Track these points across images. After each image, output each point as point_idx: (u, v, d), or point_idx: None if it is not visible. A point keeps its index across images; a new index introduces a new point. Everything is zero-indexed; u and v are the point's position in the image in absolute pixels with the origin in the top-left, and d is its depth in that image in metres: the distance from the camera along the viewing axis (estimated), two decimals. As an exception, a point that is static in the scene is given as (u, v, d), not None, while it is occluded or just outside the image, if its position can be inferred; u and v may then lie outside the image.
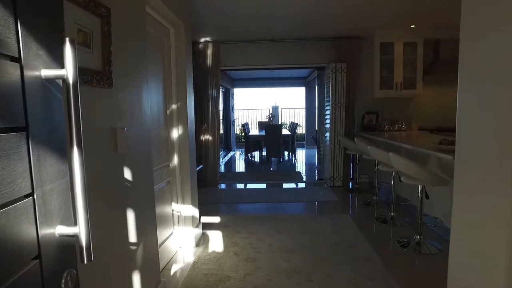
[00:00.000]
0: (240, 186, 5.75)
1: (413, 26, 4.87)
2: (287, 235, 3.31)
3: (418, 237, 3.04)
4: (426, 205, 3.30)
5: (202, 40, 5.44)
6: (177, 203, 3.00)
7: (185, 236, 3.07)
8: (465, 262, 1.59)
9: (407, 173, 2.87)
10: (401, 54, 5.27)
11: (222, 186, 5.70)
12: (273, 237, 3.29)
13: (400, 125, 5.48)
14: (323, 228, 3.52)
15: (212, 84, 5.51)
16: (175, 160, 2.96)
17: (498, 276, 1.36)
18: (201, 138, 5.56)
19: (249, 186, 5.70)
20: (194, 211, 3.17)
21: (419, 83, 5.34)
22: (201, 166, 5.40)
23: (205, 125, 5.53)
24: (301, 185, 5.77)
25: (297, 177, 6.40)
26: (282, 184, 5.79)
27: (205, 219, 3.83)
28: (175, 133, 2.95)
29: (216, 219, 3.87)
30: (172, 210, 2.90)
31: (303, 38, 5.51)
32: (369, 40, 5.41)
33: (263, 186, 5.69)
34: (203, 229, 3.44)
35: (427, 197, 2.89)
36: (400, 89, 5.32)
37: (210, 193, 5.09)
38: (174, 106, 2.92)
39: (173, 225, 2.92)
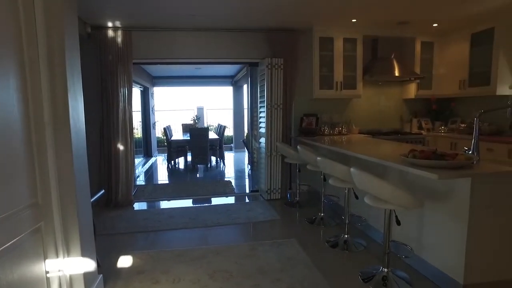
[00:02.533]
0: (161, 204, 4.73)
1: (355, 20, 4.42)
2: (224, 282, 2.48)
3: (385, 269, 2.47)
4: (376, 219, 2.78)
5: (110, 25, 4.30)
6: (58, 257, 1.96)
7: (72, 305, 2.04)
8: None
9: (376, 194, 2.27)
10: (341, 50, 4.82)
11: (139, 206, 4.61)
12: (206, 286, 2.43)
13: (340, 129, 5.05)
14: (268, 264, 2.76)
15: (122, 80, 4.40)
16: (52, 192, 1.92)
17: None
18: (105, 148, 4.41)
19: (172, 203, 4.72)
20: (87, 264, 2.15)
21: (359, 83, 4.95)
22: (102, 191, 4.26)
23: (113, 131, 4.40)
24: (233, 198, 4.98)
25: (227, 188, 5.60)
26: (211, 199, 4.93)
27: (110, 263, 2.80)
28: (50, 149, 1.91)
29: (126, 262, 2.85)
30: (47, 272, 1.86)
31: (234, 29, 4.73)
32: (307, 34, 4.86)
33: (189, 202, 4.76)
34: (105, 284, 2.43)
35: (399, 223, 2.33)
36: (340, 89, 4.87)
37: (121, 219, 4.00)
38: (46, 108, 1.88)
39: (49, 293, 1.88)
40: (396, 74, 4.84)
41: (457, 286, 2.26)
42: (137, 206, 4.59)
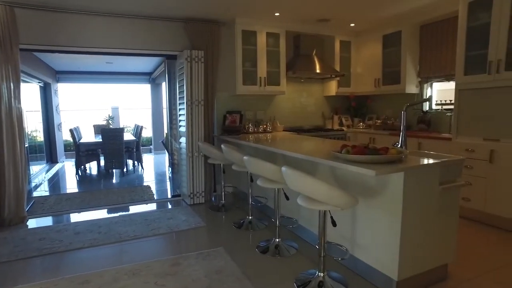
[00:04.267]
0: (66, 218, 4.02)
1: (278, 14, 4.30)
2: (139, 310, 2.07)
3: (321, 274, 2.32)
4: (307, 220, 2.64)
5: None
6: None
7: None
8: None
9: (310, 194, 2.08)
10: (264, 45, 4.67)
11: (36, 223, 3.84)
12: (116, 319, 1.99)
13: (265, 126, 4.90)
14: (194, 281, 2.41)
15: (5, 70, 3.59)
16: None
17: None
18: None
19: (80, 216, 4.04)
20: None
21: (283, 79, 4.86)
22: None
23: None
24: (153, 205, 4.48)
25: (146, 194, 5.06)
26: (128, 208, 4.36)
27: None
28: None
29: (8, 298, 2.24)
30: None
31: (151, 17, 4.24)
32: (230, 27, 4.60)
33: (101, 213, 4.13)
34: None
35: (334, 225, 2.19)
36: (264, 85, 4.72)
37: (6, 242, 3.24)
38: None
39: None
40: (318, 71, 4.87)
41: (391, 282, 2.20)
42: (33, 223, 3.81)
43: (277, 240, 2.98)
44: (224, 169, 4.20)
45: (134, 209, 4.31)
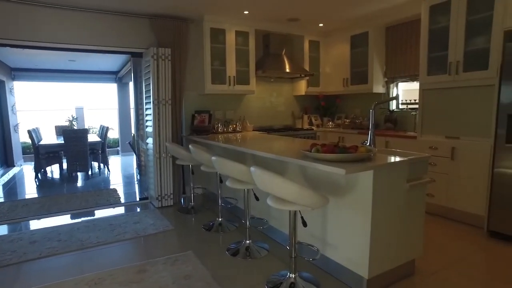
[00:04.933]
0: (22, 226, 3.75)
1: (247, 12, 4.24)
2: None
3: (293, 275, 2.29)
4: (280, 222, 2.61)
5: None
6: None
7: None
8: None
9: (280, 195, 2.04)
10: (233, 44, 4.60)
11: (-15, 231, 3.55)
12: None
13: (235, 126, 4.84)
14: None
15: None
16: None
17: None
18: None
19: (39, 223, 3.79)
20: None
21: (252, 79, 4.81)
22: None
23: None
24: (120, 209, 4.29)
25: (112, 198, 4.84)
26: (93, 212, 4.15)
27: None
28: None
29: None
30: None
31: (114, 11, 4.05)
32: (198, 24, 4.49)
33: (63, 219, 3.89)
34: None
35: (305, 225, 2.16)
36: (233, 84, 4.65)
37: (-45, 252, 2.97)
38: None
39: None
40: (287, 70, 4.86)
41: (361, 280, 2.21)
42: (-17, 232, 3.53)
43: (248, 241, 2.92)
44: (193, 170, 4.09)
45: (99, 213, 4.10)
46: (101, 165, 7.13)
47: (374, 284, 2.22)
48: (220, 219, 3.54)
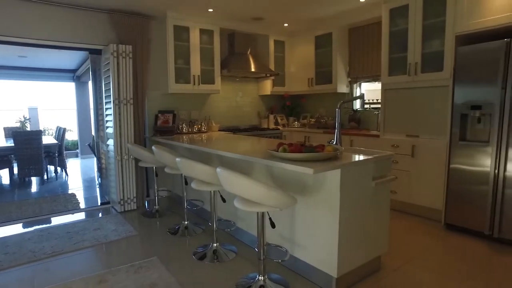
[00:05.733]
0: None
1: (211, 10, 4.16)
2: None
3: (262, 277, 2.25)
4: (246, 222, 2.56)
5: None
6: None
7: None
8: None
9: (247, 196, 1.99)
10: (198, 42, 4.50)
11: None
12: None
13: (200, 126, 4.74)
14: (122, 297, 2.18)
15: None
16: None
17: None
18: None
19: (-16, 234, 3.48)
20: None
21: (217, 78, 4.73)
22: None
23: None
24: (79, 215, 4.05)
25: (70, 204, 4.56)
26: (48, 220, 3.87)
27: None
28: None
29: None
30: None
31: (70, 4, 3.81)
32: (161, 21, 4.34)
33: (12, 229, 3.59)
34: None
35: (273, 226, 2.13)
36: (198, 83, 4.54)
37: None
38: None
39: None
40: (253, 69, 4.83)
41: (331, 279, 2.21)
42: None
43: (215, 245, 2.85)
44: (156, 172, 3.95)
45: (55, 221, 3.84)
46: (58, 169, 6.72)
47: (342, 282, 2.23)
48: (186, 222, 3.44)
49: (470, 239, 3.08)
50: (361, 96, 2.51)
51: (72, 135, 10.24)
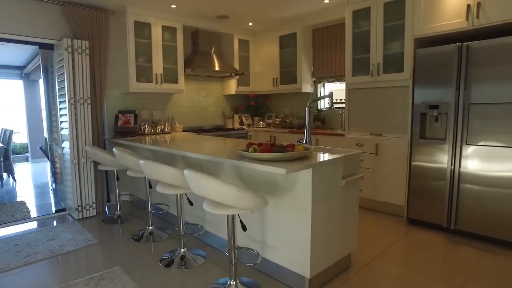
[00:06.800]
0: None
1: (174, 6, 4.01)
2: None
3: (233, 282, 2.18)
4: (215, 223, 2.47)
5: None
6: None
7: None
8: None
9: (216, 199, 1.91)
10: (160, 39, 4.32)
11: None
12: None
13: (163, 127, 4.56)
14: (83, 313, 2.01)
15: None
16: None
17: None
18: None
19: None
20: None
21: (180, 77, 4.58)
22: None
23: None
24: (31, 225, 3.72)
25: (19, 212, 4.20)
26: (-8, 231, 3.53)
27: None
28: None
29: None
30: None
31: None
32: (120, 16, 4.12)
33: (-49, 243, 3.22)
34: None
35: (245, 229, 2.06)
36: (160, 82, 4.37)
37: None
38: None
39: None
40: (217, 68, 4.74)
41: (303, 280, 2.19)
42: None
43: (183, 250, 2.73)
44: (118, 176, 3.73)
45: (2, 232, 3.50)
46: (4, 174, 6.18)
47: (315, 283, 2.22)
48: (150, 228, 3.27)
49: (431, 232, 3.22)
50: (330, 95, 2.52)
51: (20, 138, 9.50)
